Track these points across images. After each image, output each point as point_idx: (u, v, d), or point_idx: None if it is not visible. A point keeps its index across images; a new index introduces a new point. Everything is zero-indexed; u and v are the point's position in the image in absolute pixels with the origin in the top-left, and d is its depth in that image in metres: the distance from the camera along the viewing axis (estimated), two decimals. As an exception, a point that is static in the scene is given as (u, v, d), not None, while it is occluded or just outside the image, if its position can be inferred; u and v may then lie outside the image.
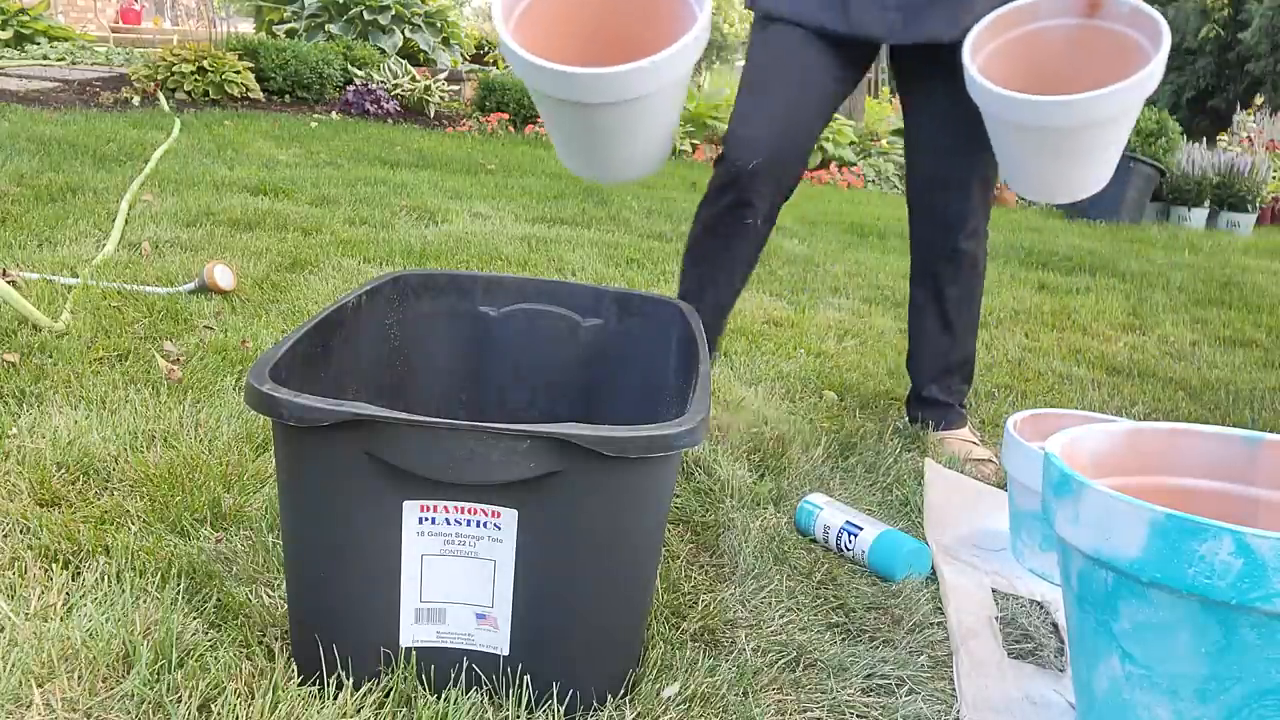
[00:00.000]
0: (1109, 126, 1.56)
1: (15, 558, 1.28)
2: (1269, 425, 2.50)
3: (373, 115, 7.27)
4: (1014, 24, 1.68)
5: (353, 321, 1.38)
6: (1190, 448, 1.25)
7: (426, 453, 1.00)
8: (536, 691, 1.09)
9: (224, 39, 7.59)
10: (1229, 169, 7.33)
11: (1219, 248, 6.04)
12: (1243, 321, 3.81)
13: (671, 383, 1.43)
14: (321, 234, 3.41)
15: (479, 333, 1.57)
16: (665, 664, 1.21)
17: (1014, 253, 4.90)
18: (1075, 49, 1.68)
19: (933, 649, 1.33)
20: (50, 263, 2.63)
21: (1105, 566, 1.00)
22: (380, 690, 1.08)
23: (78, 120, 5.28)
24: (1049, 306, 3.72)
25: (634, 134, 1.60)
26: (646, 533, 1.11)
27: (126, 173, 3.99)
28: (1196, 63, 18.12)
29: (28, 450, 1.57)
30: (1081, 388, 2.67)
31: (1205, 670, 0.96)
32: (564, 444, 0.99)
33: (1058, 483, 1.06)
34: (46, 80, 6.79)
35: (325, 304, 2.41)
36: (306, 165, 4.90)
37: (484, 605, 1.08)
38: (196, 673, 1.08)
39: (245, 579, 1.30)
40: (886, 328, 3.14)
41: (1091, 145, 1.58)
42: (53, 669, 1.06)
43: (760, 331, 2.89)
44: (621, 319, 1.55)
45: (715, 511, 1.68)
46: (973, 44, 1.64)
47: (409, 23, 9.04)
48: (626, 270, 3.46)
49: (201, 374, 1.98)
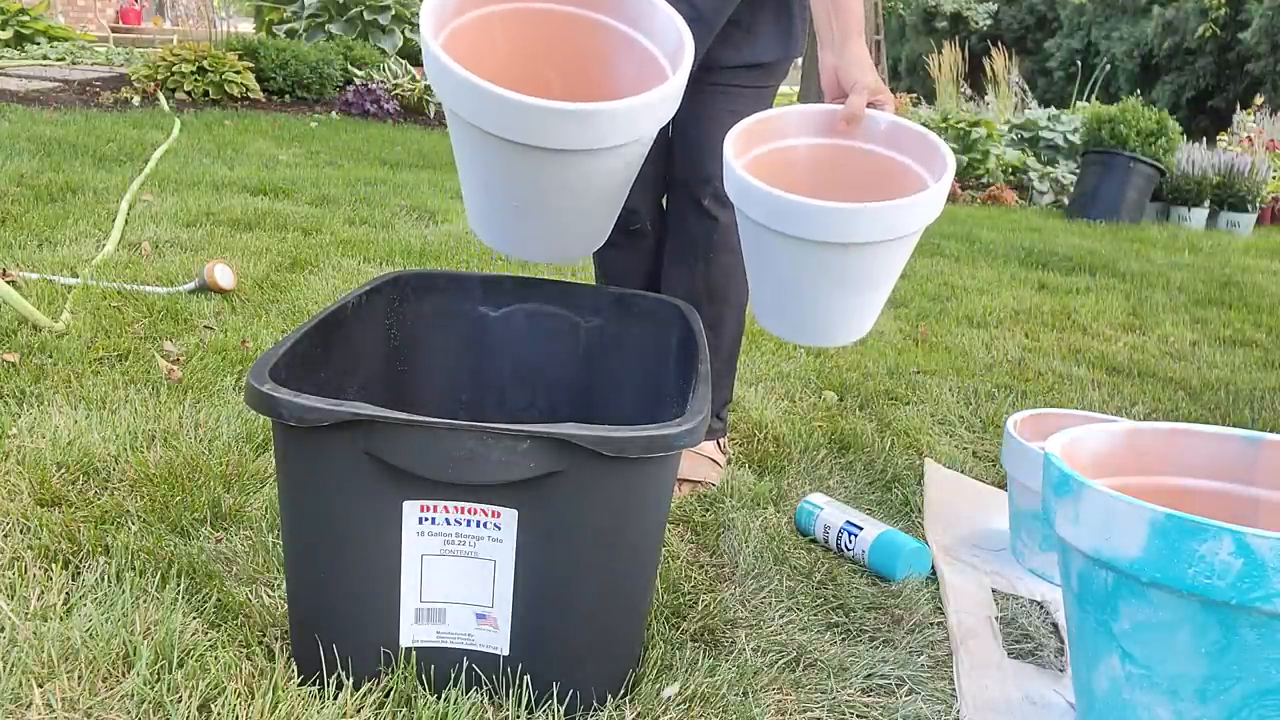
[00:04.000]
0: (899, 247, 1.29)
1: (15, 558, 1.28)
2: (1269, 425, 2.50)
3: (373, 115, 7.27)
4: (760, 138, 1.43)
5: (353, 321, 1.38)
6: (1190, 448, 1.25)
7: (426, 453, 1.00)
8: (537, 691, 1.09)
9: (224, 39, 7.59)
10: (1229, 169, 7.32)
11: (1219, 248, 6.04)
12: (1243, 321, 3.81)
13: (671, 383, 1.43)
14: (321, 234, 3.41)
15: (479, 333, 1.57)
16: (665, 664, 1.21)
17: (1014, 253, 4.90)
18: (826, 172, 1.43)
19: (933, 649, 1.33)
20: (50, 263, 2.63)
21: (1105, 566, 1.00)
22: (380, 690, 1.08)
23: (78, 120, 5.28)
24: (1049, 306, 3.72)
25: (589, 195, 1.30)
26: (646, 533, 1.11)
27: (126, 173, 3.98)
28: (1196, 63, 18.11)
29: (28, 450, 1.57)
30: (1081, 388, 2.67)
31: (1205, 670, 0.96)
32: (564, 444, 0.99)
33: (1058, 483, 1.06)
34: (46, 80, 6.80)
35: (325, 304, 2.41)
36: (306, 165, 4.90)
37: (484, 605, 1.08)
38: (196, 673, 1.08)
39: (245, 579, 1.30)
40: (886, 328, 3.14)
41: (877, 271, 1.31)
42: (53, 669, 1.06)
43: (760, 331, 2.89)
44: (621, 319, 1.55)
45: (715, 511, 1.68)
46: (733, 149, 1.38)
47: (409, 23, 9.04)
48: (626, 270, 3.45)
49: (201, 374, 1.98)
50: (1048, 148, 8.46)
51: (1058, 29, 21.36)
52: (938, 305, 3.57)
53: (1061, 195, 7.79)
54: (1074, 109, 9.30)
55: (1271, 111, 10.27)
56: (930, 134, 1.37)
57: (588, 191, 1.30)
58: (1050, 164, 8.30)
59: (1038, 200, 7.77)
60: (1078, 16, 20.80)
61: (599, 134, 1.20)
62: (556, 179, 1.25)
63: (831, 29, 1.44)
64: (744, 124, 1.41)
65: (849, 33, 1.42)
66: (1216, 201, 7.36)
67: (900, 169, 1.39)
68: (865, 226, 1.24)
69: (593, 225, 1.41)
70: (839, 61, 1.42)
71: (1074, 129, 8.29)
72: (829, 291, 1.32)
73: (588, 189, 1.29)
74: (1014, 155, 8.11)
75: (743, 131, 1.40)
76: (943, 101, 9.33)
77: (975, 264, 4.53)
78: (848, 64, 1.41)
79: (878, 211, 1.23)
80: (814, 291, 1.32)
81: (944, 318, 3.38)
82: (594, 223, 1.40)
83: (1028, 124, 8.68)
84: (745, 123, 1.41)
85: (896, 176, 1.39)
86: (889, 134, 1.40)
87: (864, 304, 1.35)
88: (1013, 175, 8.12)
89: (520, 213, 1.32)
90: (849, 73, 1.41)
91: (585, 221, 1.37)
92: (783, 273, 1.34)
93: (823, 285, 1.31)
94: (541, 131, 1.18)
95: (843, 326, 1.38)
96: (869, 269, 1.30)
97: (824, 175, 1.42)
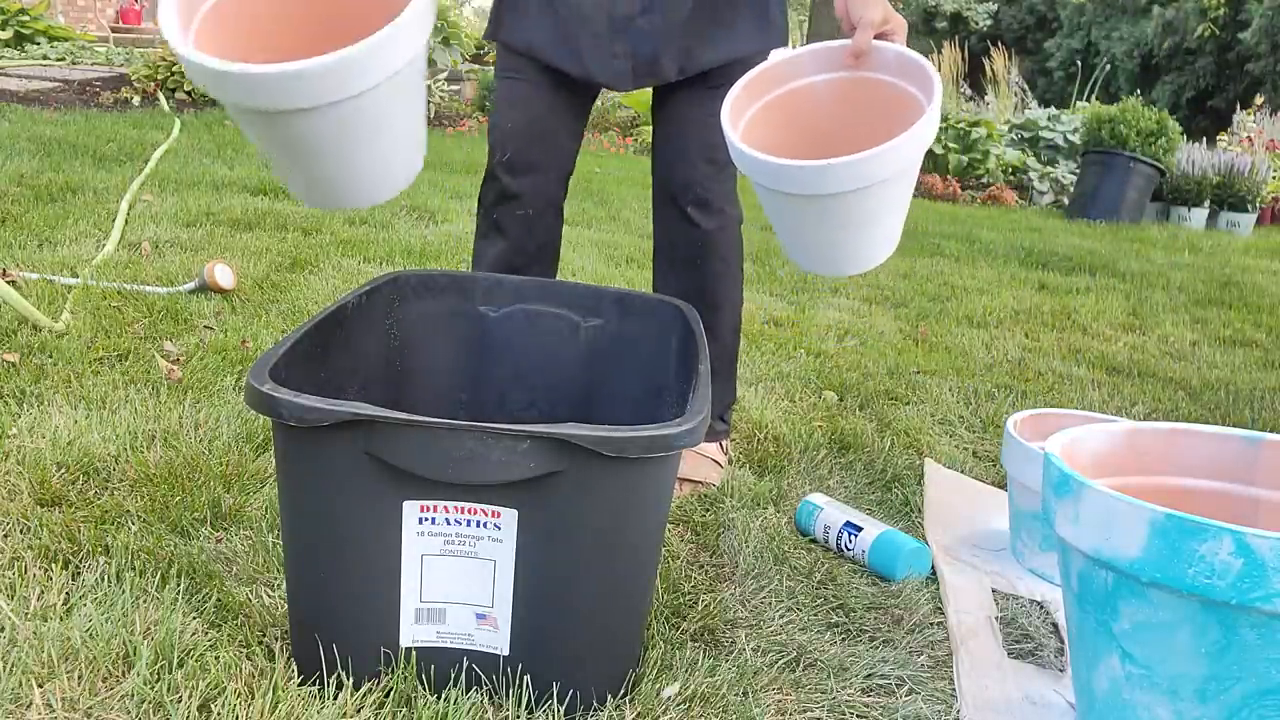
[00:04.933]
0: (888, 187, 1.36)
1: (15, 558, 1.28)
2: (1269, 425, 2.50)
3: (373, 115, 7.26)
4: (774, 83, 1.49)
5: (353, 321, 1.38)
6: (1190, 448, 1.25)
7: (426, 453, 1.00)
8: (537, 691, 1.09)
9: (224, 39, 7.57)
10: (1229, 169, 7.33)
11: (1219, 248, 6.04)
12: (1243, 321, 3.81)
13: (671, 383, 1.43)
14: (321, 234, 3.41)
15: (479, 333, 1.57)
16: (665, 664, 1.21)
17: (1014, 253, 4.90)
18: (844, 105, 1.50)
19: (933, 649, 1.33)
20: (50, 263, 2.63)
21: (1105, 566, 1.00)
22: (380, 690, 1.08)
23: (78, 120, 5.28)
24: (1049, 306, 3.72)
25: (355, 147, 1.27)
26: (646, 533, 1.11)
27: (126, 173, 3.99)
28: (1196, 63, 18.11)
29: (28, 450, 1.57)
30: (1081, 388, 2.68)
31: (1205, 670, 0.96)
32: (564, 444, 0.99)
33: (1058, 483, 1.06)
34: (46, 80, 6.79)
35: (325, 304, 2.41)
36: (306, 165, 4.90)
37: (484, 605, 1.08)
38: (196, 673, 1.08)
39: (245, 579, 1.30)
40: (886, 328, 3.14)
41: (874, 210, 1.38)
42: (53, 669, 1.06)
43: (760, 331, 2.89)
44: (621, 319, 1.55)
45: (715, 511, 1.68)
46: (732, 107, 1.45)
47: (409, 23, 9.02)
48: (626, 270, 3.46)
49: (201, 374, 1.98)
50: (1048, 148, 8.46)
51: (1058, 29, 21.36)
52: (938, 305, 3.57)
53: (1061, 195, 7.79)
54: (1074, 109, 9.31)
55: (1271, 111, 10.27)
56: (928, 65, 1.43)
57: (356, 138, 1.26)
58: (1050, 164, 8.30)
59: (1038, 200, 7.78)
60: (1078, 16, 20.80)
61: (334, 86, 1.16)
62: (319, 131, 1.23)
63: None
64: (747, 77, 1.46)
65: None
66: (1216, 201, 7.37)
67: (909, 98, 1.45)
68: (840, 178, 1.31)
69: (389, 164, 1.34)
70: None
71: (1074, 129, 8.30)
72: (836, 231, 1.40)
73: (353, 135, 1.25)
74: (1014, 155, 8.12)
75: (745, 86, 1.46)
76: (943, 101, 9.32)
77: (975, 264, 4.54)
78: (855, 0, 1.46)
79: (847, 164, 1.29)
80: (824, 232, 1.41)
81: (944, 318, 3.38)
82: (387, 163, 1.34)
83: (1028, 124, 8.69)
84: (748, 76, 1.47)
85: (908, 104, 1.45)
86: (897, 64, 1.47)
87: (877, 235, 1.43)
88: (1013, 175, 8.12)
89: (309, 168, 1.29)
90: (855, 9, 1.46)
91: (380, 162, 1.32)
92: (790, 221, 1.43)
93: (829, 226, 1.40)
94: (277, 93, 1.15)
95: (864, 256, 1.47)
96: (869, 209, 1.37)
97: (847, 107, 1.49)
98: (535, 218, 1.74)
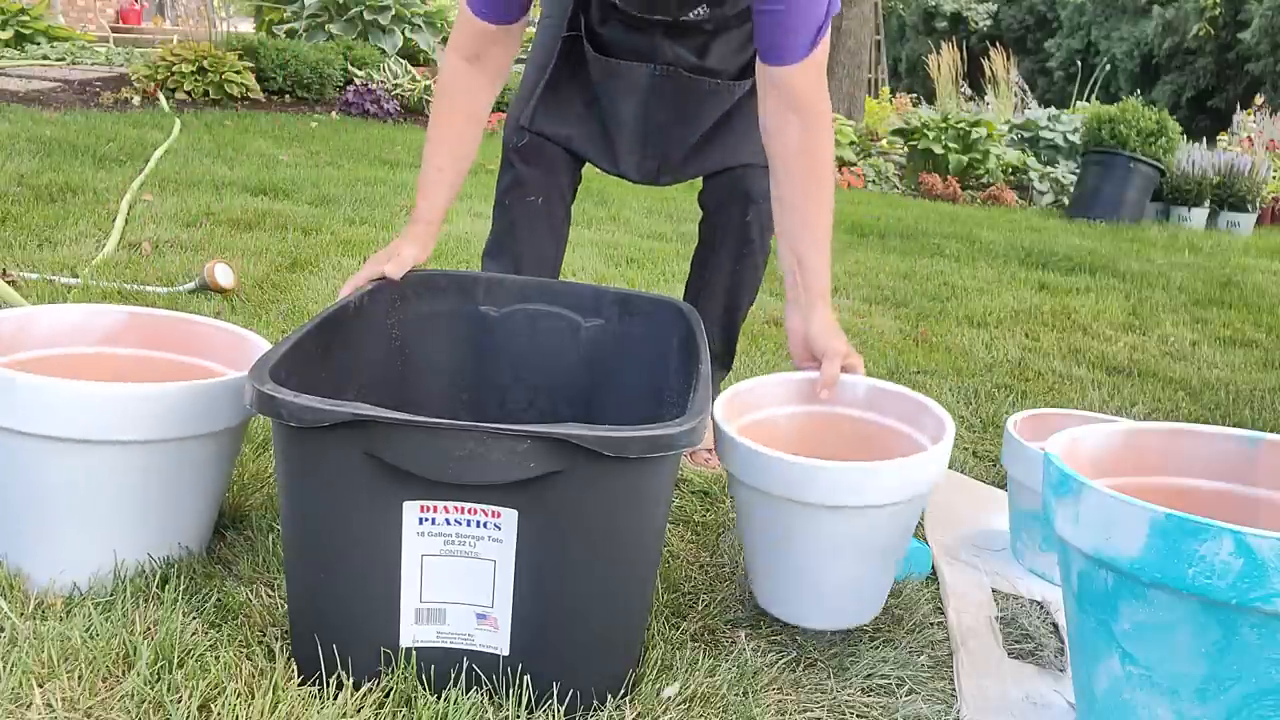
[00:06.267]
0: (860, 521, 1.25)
1: (15, 558, 1.28)
2: (1269, 425, 2.50)
3: (373, 115, 7.27)
4: (743, 409, 1.42)
5: (353, 321, 1.38)
6: (1190, 448, 1.25)
7: (426, 453, 1.00)
8: (536, 691, 1.09)
9: (224, 39, 7.58)
10: (1229, 169, 7.33)
11: (1219, 248, 6.04)
12: (1243, 321, 3.81)
13: (672, 383, 1.43)
14: (321, 234, 3.41)
15: (479, 333, 1.57)
16: (665, 664, 1.21)
17: (1014, 253, 4.90)
18: (827, 440, 1.44)
19: (933, 649, 1.33)
20: (50, 263, 2.63)
21: (1105, 566, 1.00)
22: (380, 690, 1.08)
23: (78, 120, 5.28)
24: (1049, 306, 3.72)
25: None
26: (647, 533, 1.11)
27: (126, 173, 3.98)
28: (1196, 63, 18.13)
29: (28, 450, 1.56)
30: (1081, 388, 2.67)
31: (1205, 670, 0.96)
32: (564, 444, 0.99)
33: (1058, 483, 1.06)
34: (46, 80, 6.79)
35: (325, 304, 2.41)
36: (306, 165, 4.90)
37: (484, 605, 1.08)
38: (196, 673, 1.08)
39: (245, 579, 1.30)
40: (887, 328, 3.14)
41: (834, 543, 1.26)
42: (53, 669, 1.06)
43: (760, 331, 2.90)
44: (622, 319, 1.55)
45: (715, 511, 1.68)
46: (723, 417, 1.36)
47: (409, 23, 9.03)
48: (626, 270, 3.46)
49: (201, 374, 1.98)
50: (1048, 148, 8.46)
51: (1058, 29, 21.37)
52: (938, 305, 3.57)
53: (1061, 195, 7.79)
54: (1074, 109, 9.32)
55: (1271, 111, 10.28)
56: (915, 394, 1.41)
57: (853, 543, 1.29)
58: (1050, 164, 8.30)
59: (1038, 200, 7.78)
60: (1078, 16, 20.81)
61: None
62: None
63: (799, 290, 1.45)
64: (726, 394, 1.41)
65: (815, 298, 1.44)
66: (1216, 201, 7.37)
67: (884, 432, 1.43)
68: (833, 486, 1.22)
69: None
70: (808, 329, 1.44)
71: (1074, 129, 8.30)
72: (816, 558, 1.29)
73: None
74: (1014, 155, 8.12)
75: (726, 402, 1.40)
76: (943, 102, 9.33)
77: (975, 264, 4.54)
78: (817, 331, 1.43)
79: (845, 470, 1.22)
80: (808, 558, 1.29)
81: (944, 318, 3.38)
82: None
83: (1028, 124, 8.69)
84: (727, 393, 1.41)
85: (880, 439, 1.43)
86: (868, 398, 1.45)
87: (848, 575, 1.31)
88: (1013, 175, 8.12)
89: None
90: (818, 340, 1.43)
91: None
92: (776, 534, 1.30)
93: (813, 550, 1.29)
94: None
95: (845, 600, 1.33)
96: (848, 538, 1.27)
97: (809, 444, 1.44)
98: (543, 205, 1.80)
